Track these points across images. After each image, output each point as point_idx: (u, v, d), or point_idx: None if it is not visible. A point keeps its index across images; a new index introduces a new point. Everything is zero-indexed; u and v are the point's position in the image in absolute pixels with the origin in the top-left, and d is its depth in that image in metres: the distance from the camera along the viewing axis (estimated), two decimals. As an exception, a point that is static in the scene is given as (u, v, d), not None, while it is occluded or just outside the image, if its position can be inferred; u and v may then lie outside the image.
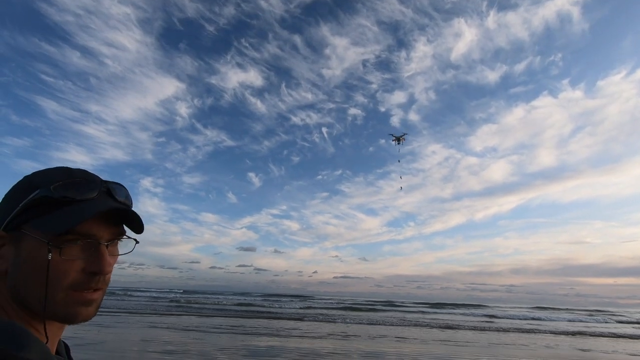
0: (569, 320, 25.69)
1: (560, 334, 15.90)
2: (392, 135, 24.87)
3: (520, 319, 25.06)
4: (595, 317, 29.62)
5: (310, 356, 7.83)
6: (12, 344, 0.42)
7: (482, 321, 21.72)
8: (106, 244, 0.56)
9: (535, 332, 16.16)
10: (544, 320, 25.41)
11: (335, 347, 9.28)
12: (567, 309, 46.32)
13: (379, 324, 17.30)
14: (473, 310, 34.55)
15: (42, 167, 0.60)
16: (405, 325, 17.29)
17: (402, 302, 50.51)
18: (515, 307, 46.96)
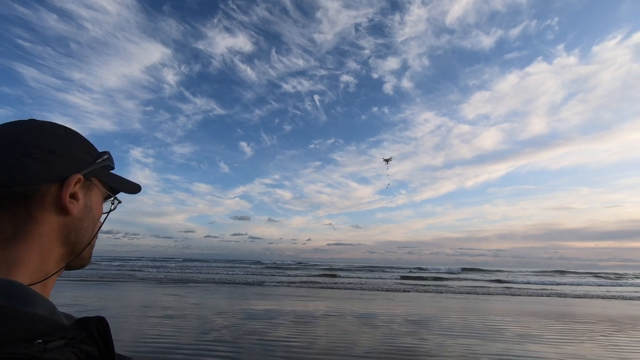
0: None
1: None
2: (383, 158, 31.57)
3: (534, 284, 24.32)
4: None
5: (305, 318, 8.19)
6: (18, 301, 0.44)
7: (502, 287, 20.97)
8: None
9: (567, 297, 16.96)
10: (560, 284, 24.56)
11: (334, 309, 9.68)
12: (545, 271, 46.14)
13: (373, 289, 17.91)
14: (475, 275, 35.13)
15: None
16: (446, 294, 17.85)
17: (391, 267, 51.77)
18: (516, 272, 46.21)
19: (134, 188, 0.70)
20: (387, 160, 31.41)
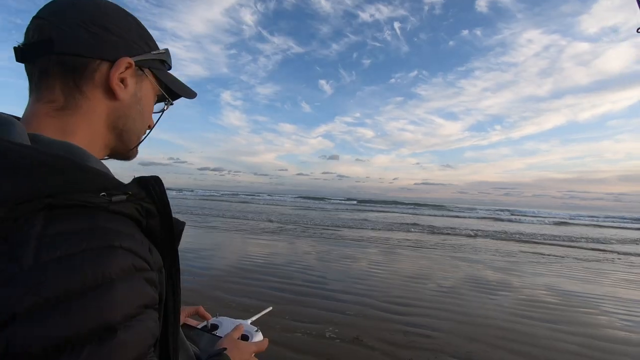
0: None
1: None
2: None
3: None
4: None
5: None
6: (80, 158, 0.46)
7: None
8: None
9: None
10: None
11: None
12: None
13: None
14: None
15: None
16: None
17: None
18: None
19: (189, 92, 0.67)
20: None
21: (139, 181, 0.47)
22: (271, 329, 3.48)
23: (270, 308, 1.09)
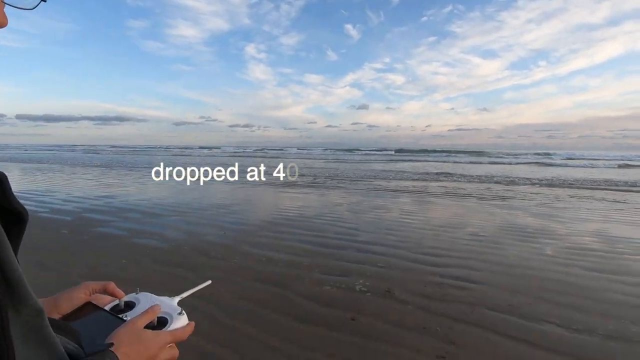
0: None
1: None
2: None
3: None
4: None
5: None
6: None
7: None
8: None
9: None
10: None
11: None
12: None
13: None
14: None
15: (164, 47, 0.39)
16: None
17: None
18: None
19: None
20: None
21: None
22: (299, 281, 3.45)
23: (209, 282, 0.84)
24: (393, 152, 48.88)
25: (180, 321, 0.65)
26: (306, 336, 2.49)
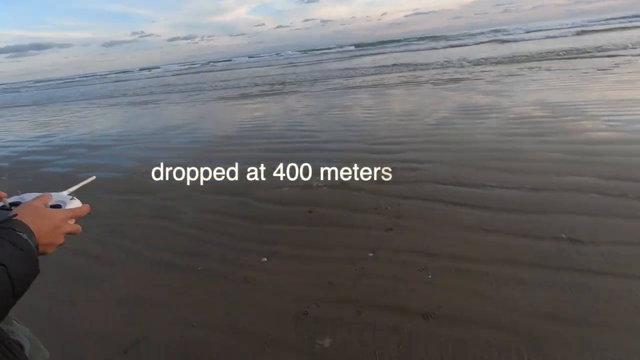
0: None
1: None
2: None
3: None
4: None
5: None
6: None
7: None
8: None
9: None
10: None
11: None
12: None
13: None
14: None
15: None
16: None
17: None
18: None
19: None
20: None
21: None
22: (259, 188, 3.53)
23: (93, 177, 0.87)
24: (353, 48, 46.09)
25: (74, 203, 0.69)
26: (267, 233, 2.65)
